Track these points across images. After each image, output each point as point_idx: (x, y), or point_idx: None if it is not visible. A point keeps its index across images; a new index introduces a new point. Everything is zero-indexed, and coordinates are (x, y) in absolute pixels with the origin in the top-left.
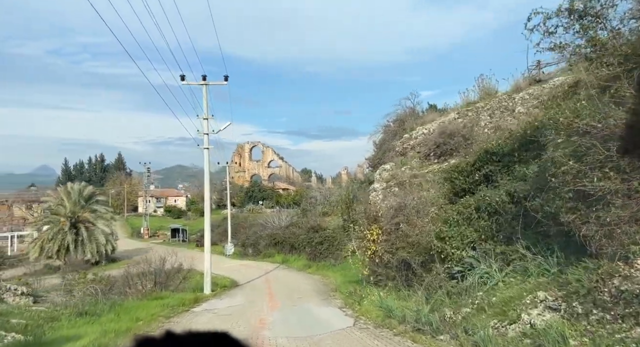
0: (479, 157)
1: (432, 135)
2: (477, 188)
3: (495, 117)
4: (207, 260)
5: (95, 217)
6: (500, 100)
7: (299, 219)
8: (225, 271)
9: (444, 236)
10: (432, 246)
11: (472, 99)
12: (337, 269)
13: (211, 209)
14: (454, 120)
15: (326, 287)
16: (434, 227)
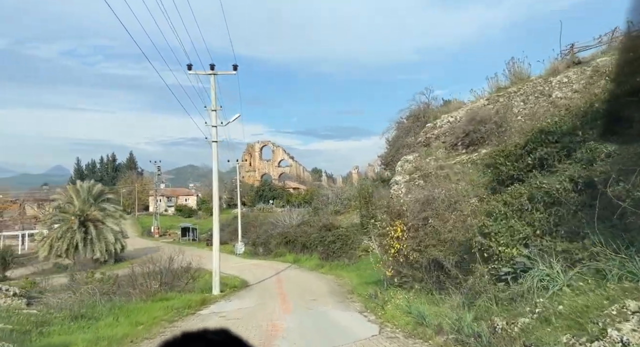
0: (531, 138)
1: (459, 123)
2: (528, 174)
3: (529, 103)
4: (215, 259)
5: (104, 216)
6: (534, 84)
7: (311, 217)
8: (235, 270)
9: (488, 231)
10: (473, 243)
11: (502, 84)
12: (352, 269)
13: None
14: (484, 107)
15: (341, 289)
16: (476, 221)
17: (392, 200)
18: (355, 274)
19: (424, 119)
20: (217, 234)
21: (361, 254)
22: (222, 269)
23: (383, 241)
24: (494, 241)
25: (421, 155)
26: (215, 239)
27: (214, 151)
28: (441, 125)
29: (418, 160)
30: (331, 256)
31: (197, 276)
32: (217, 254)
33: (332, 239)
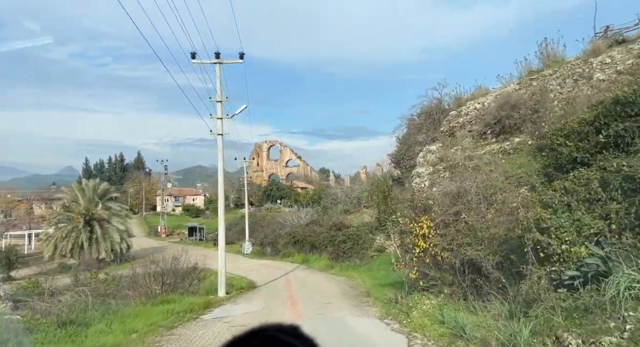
0: (603, 111)
1: (488, 110)
2: (596, 156)
3: (566, 87)
4: (221, 259)
5: (109, 215)
6: (572, 66)
7: (319, 216)
8: (242, 270)
9: (546, 225)
10: (525, 240)
11: (534, 68)
12: (363, 270)
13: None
14: (516, 92)
15: (354, 291)
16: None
17: (415, 194)
18: (367, 275)
19: (437, 116)
20: (223, 233)
21: (373, 254)
22: (228, 269)
23: (405, 239)
24: (554, 237)
25: (446, 145)
26: (221, 238)
27: (219, 145)
28: (467, 112)
29: (442, 151)
30: (341, 256)
31: (203, 277)
32: (223, 254)
33: (342, 239)
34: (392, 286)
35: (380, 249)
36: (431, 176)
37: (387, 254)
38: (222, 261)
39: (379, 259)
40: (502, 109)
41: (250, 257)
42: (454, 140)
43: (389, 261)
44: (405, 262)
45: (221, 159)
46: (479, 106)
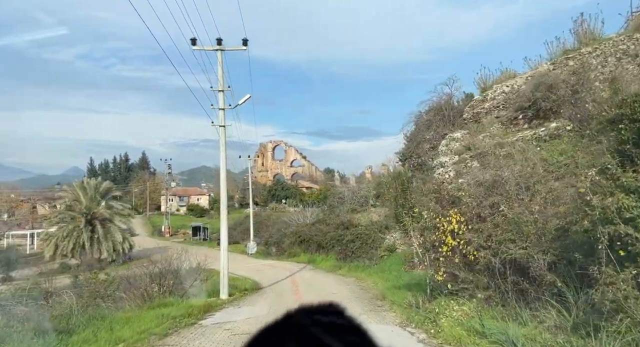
0: None
1: (521, 92)
2: None
3: (608, 66)
4: (223, 259)
5: (111, 214)
6: (615, 43)
7: (326, 216)
8: (246, 271)
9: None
10: (598, 235)
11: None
12: (374, 271)
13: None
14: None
15: (367, 294)
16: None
17: (441, 185)
18: (378, 276)
19: (447, 111)
20: (226, 231)
21: (383, 254)
22: (232, 270)
23: (429, 236)
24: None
25: (472, 132)
26: (223, 236)
27: (222, 138)
28: (493, 96)
29: (468, 138)
30: (350, 256)
31: (205, 278)
32: (226, 254)
33: (350, 238)
34: (407, 288)
35: (390, 248)
36: (456, 166)
37: (398, 254)
38: (225, 261)
39: (390, 259)
40: (537, 90)
41: (254, 257)
42: (480, 127)
43: (401, 261)
44: (428, 262)
45: (223, 152)
46: (508, 89)
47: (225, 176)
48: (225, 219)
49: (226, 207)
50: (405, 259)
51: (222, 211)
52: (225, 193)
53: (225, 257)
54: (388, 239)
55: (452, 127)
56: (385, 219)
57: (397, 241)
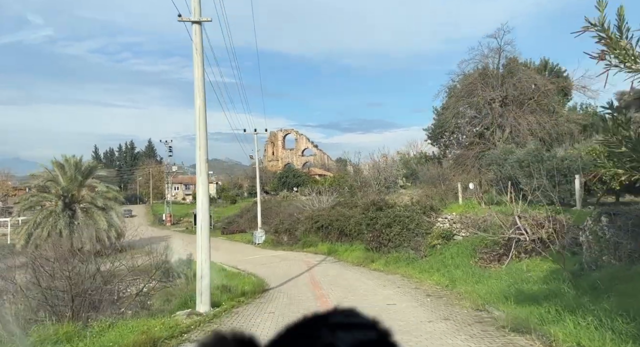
0: None
1: None
2: None
3: None
4: (201, 251)
5: (95, 197)
6: None
7: (347, 199)
8: (251, 264)
9: None
10: None
11: None
12: (426, 266)
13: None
14: None
15: (450, 307)
16: None
17: None
18: (440, 275)
19: (497, 70)
20: (206, 202)
21: (436, 242)
22: (234, 262)
23: None
24: None
25: None
26: (201, 212)
27: (196, 38)
28: None
29: None
30: (385, 245)
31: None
32: (206, 240)
33: (386, 222)
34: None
35: (445, 235)
36: None
37: (459, 242)
38: (204, 252)
39: (447, 249)
40: None
41: (262, 248)
42: None
43: (466, 252)
44: None
45: (199, 67)
46: None
47: (204, 108)
48: (206, 188)
49: (206, 162)
50: (476, 250)
51: (201, 176)
52: (205, 142)
53: (205, 245)
54: (441, 223)
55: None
56: (427, 199)
57: (456, 225)
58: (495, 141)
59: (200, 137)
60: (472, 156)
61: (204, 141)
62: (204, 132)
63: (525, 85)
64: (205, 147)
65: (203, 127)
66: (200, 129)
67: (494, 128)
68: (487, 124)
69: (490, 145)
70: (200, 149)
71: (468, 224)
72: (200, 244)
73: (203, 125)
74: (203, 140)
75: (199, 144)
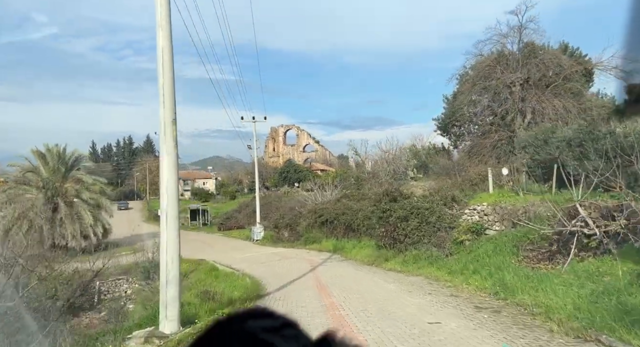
0: None
1: None
2: None
3: None
4: (165, 245)
5: (80, 190)
6: None
7: (353, 192)
8: (247, 263)
9: None
10: None
11: None
12: (455, 267)
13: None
14: None
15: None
16: None
17: None
18: (483, 278)
19: (519, 52)
20: (174, 179)
21: (463, 238)
22: (228, 261)
23: None
24: None
25: None
26: (168, 192)
27: None
28: None
29: None
30: (401, 241)
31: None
32: (173, 232)
33: (401, 215)
34: None
35: (476, 229)
36: None
37: (494, 238)
38: (171, 248)
39: (481, 246)
40: None
41: (261, 244)
42: None
43: (506, 250)
44: None
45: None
46: None
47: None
48: (173, 155)
49: (172, 127)
50: (518, 246)
51: (165, 136)
52: (171, 98)
53: (172, 239)
54: (468, 215)
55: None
56: (446, 190)
57: (488, 217)
58: (515, 128)
59: (165, 89)
60: (490, 145)
61: (170, 95)
62: (171, 82)
63: (550, 66)
64: (172, 103)
65: (169, 76)
66: (165, 76)
67: (515, 113)
68: (507, 110)
69: (509, 132)
70: (165, 107)
71: (504, 216)
72: (165, 238)
73: (169, 73)
74: (169, 94)
75: (163, 99)
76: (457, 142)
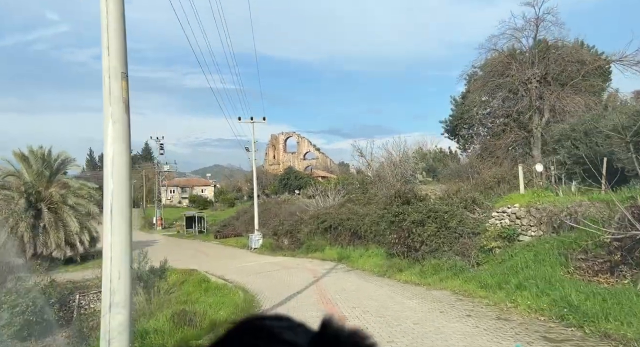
0: None
1: None
2: None
3: None
4: (110, 251)
5: (66, 195)
6: None
7: (358, 196)
8: (242, 274)
9: None
10: None
11: None
12: (488, 280)
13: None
14: None
15: None
16: None
17: None
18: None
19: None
20: (126, 155)
21: (494, 245)
22: (221, 271)
23: None
24: None
25: None
26: (116, 173)
27: None
28: None
29: None
30: (416, 249)
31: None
32: (124, 235)
33: (417, 218)
34: None
35: (507, 235)
36: None
37: (529, 243)
38: (118, 256)
39: (517, 254)
40: None
41: (259, 253)
42: None
43: (550, 258)
44: None
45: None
46: None
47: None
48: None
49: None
50: (566, 255)
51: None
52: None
53: (121, 242)
54: (496, 218)
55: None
56: (465, 191)
57: (522, 221)
58: (533, 127)
59: (110, 29)
60: (504, 146)
61: (117, 37)
62: (119, 18)
63: (571, 60)
64: (121, 49)
65: (116, 8)
66: (111, 10)
67: (532, 112)
68: (523, 108)
69: (525, 132)
70: (111, 54)
71: (542, 218)
72: (109, 242)
73: (116, 4)
74: (116, 36)
75: (108, 43)
76: (466, 145)
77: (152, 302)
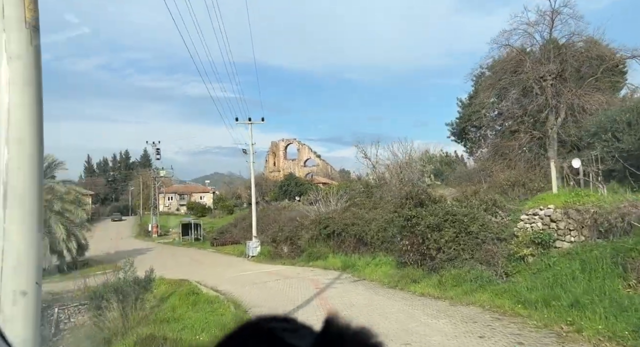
0: None
1: None
2: None
3: None
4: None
5: (52, 200)
6: None
7: (362, 200)
8: (238, 284)
9: None
10: None
11: None
12: (531, 293)
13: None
14: None
15: None
16: None
17: None
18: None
19: (550, 41)
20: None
21: (526, 252)
22: (215, 282)
23: None
24: None
25: None
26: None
27: None
28: None
29: None
30: (432, 257)
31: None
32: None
33: (432, 222)
34: None
35: (542, 240)
36: None
37: (569, 250)
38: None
39: (555, 263)
40: None
41: (257, 261)
42: None
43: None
44: None
45: None
46: None
47: None
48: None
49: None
50: (624, 265)
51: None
52: None
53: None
54: (526, 222)
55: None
56: (484, 193)
57: (557, 224)
58: (548, 127)
59: None
60: (517, 147)
61: None
62: None
63: (590, 56)
64: None
65: None
66: None
67: (548, 110)
68: (539, 107)
69: (540, 133)
70: None
71: (584, 222)
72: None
73: None
74: None
75: None
76: (474, 148)
77: (130, 318)
